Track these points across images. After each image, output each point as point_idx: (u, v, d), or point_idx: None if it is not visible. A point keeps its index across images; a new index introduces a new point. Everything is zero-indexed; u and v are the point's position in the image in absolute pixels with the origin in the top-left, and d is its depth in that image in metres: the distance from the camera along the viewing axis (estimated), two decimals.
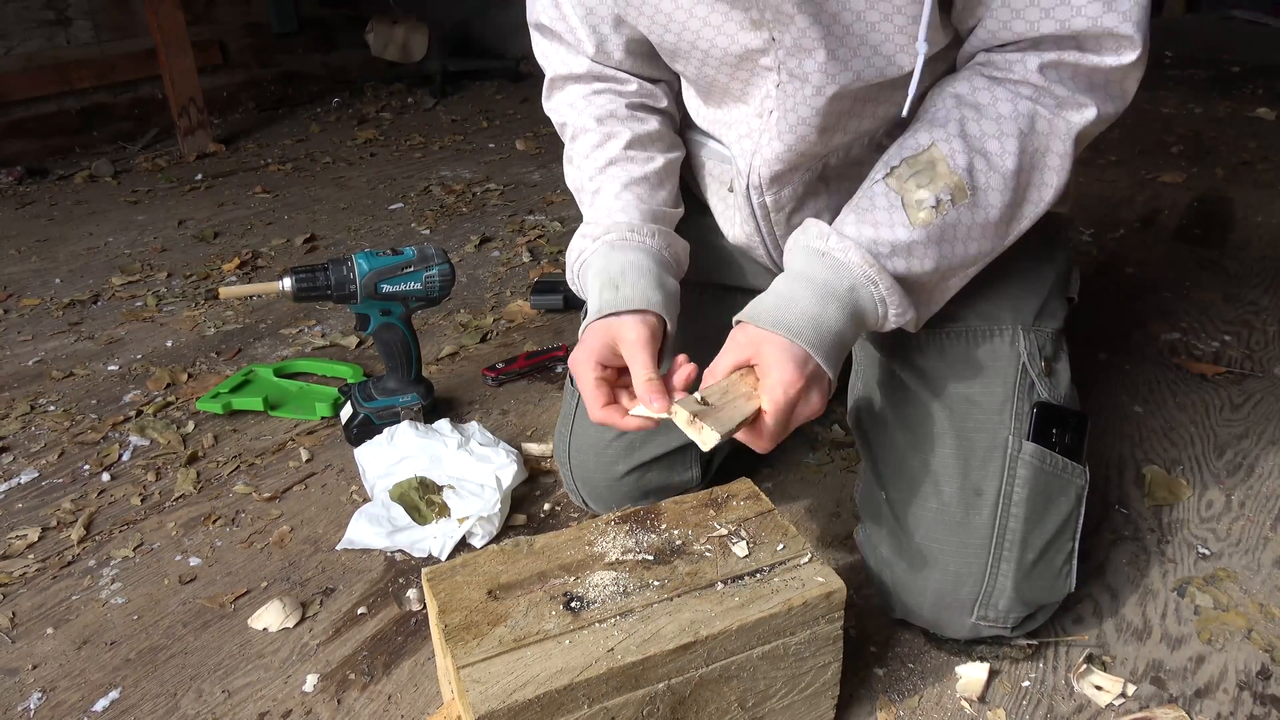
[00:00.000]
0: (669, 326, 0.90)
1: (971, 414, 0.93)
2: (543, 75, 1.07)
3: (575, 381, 0.89)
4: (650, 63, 1.02)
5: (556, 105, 1.06)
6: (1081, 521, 0.94)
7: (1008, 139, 0.82)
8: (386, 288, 1.27)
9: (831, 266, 0.83)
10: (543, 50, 1.05)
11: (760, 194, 0.95)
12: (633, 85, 1.02)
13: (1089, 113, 0.83)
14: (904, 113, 0.84)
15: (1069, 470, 0.92)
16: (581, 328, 0.91)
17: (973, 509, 0.91)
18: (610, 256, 0.92)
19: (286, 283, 1.25)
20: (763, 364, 0.80)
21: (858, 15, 0.81)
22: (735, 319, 0.85)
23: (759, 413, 0.79)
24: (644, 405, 0.82)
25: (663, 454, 1.09)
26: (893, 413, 0.98)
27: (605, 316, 0.88)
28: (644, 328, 0.87)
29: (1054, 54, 0.81)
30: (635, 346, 0.86)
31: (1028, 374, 0.93)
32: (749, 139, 0.94)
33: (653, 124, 1.02)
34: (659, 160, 1.00)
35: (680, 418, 0.77)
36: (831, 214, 0.97)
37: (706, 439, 0.75)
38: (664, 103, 1.04)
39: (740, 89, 0.92)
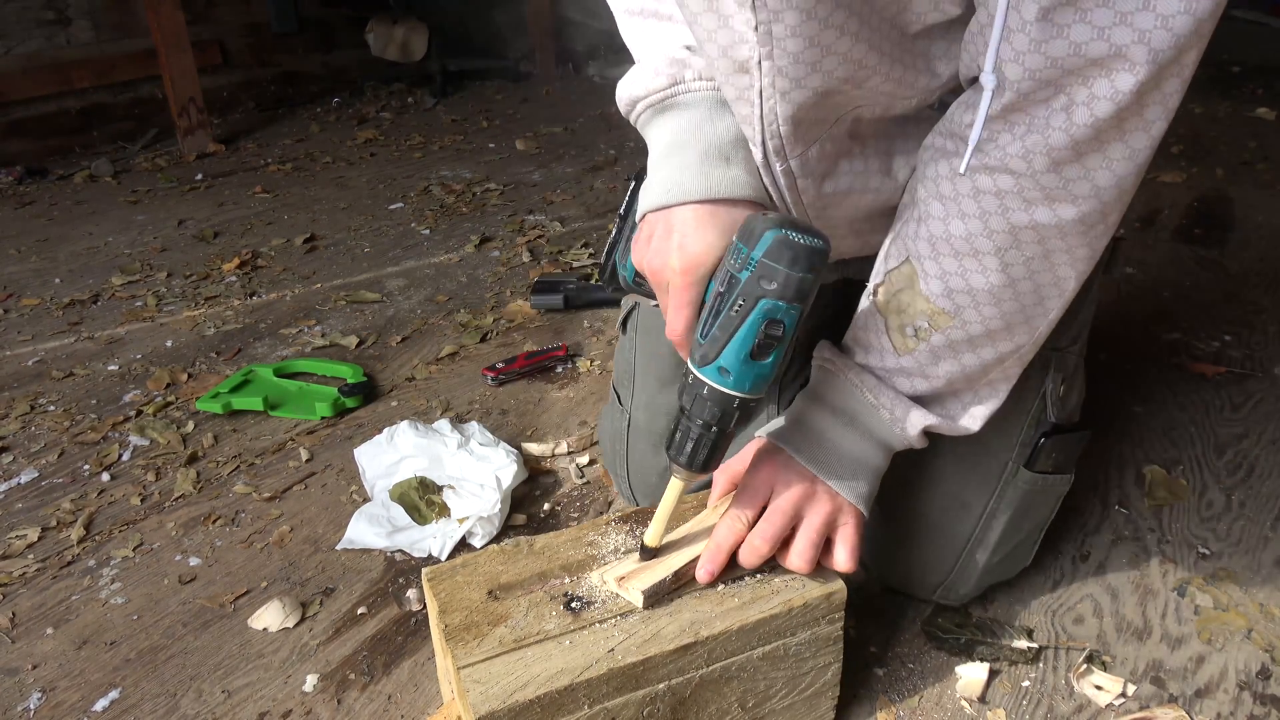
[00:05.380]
0: None
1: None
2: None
3: (666, 275, 0.69)
4: None
5: None
6: (1054, 513, 0.97)
7: (986, 256, 0.70)
8: None
9: (840, 389, 0.80)
10: None
11: (784, 160, 0.75)
12: None
13: (1077, 207, 0.69)
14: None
15: (1057, 482, 0.94)
16: (658, 196, 0.70)
17: (956, 519, 0.92)
18: (717, 115, 0.72)
19: None
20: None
21: None
22: (756, 433, 0.83)
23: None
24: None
25: None
26: None
27: (714, 202, 0.69)
28: None
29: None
30: None
31: (1045, 403, 0.92)
32: (751, 90, 0.73)
33: None
34: None
35: (610, 585, 0.76)
36: (868, 178, 0.82)
37: (633, 599, 0.75)
38: None
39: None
